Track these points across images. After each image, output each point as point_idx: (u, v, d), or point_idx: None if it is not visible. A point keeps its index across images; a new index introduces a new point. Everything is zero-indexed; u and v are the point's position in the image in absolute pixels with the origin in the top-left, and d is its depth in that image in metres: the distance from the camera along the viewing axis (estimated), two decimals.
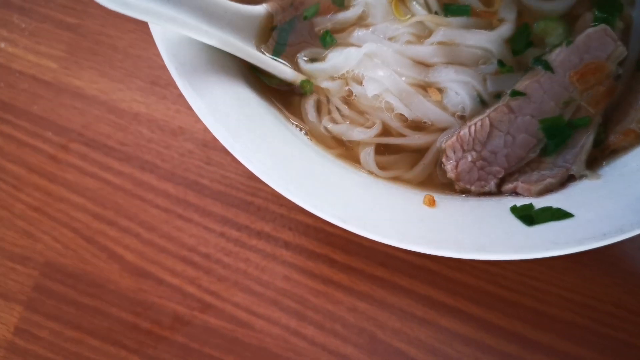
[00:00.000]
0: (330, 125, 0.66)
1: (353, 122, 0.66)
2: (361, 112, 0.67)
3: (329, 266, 0.79)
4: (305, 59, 0.67)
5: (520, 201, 0.61)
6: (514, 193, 0.63)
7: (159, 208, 0.83)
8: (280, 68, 0.66)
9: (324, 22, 0.68)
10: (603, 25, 0.64)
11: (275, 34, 0.68)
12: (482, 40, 0.65)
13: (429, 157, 0.65)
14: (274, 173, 0.56)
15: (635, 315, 0.75)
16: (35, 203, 0.84)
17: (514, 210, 0.59)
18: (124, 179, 0.84)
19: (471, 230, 0.56)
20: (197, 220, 0.82)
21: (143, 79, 0.87)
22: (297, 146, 0.62)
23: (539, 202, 0.60)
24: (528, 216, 0.58)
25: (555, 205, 0.58)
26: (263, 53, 0.67)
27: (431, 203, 0.60)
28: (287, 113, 0.66)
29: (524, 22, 0.67)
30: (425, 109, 0.65)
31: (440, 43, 0.66)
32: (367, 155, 0.65)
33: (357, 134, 0.66)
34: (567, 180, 0.63)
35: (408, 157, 0.66)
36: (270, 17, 0.68)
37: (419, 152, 0.66)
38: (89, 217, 0.83)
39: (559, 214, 0.57)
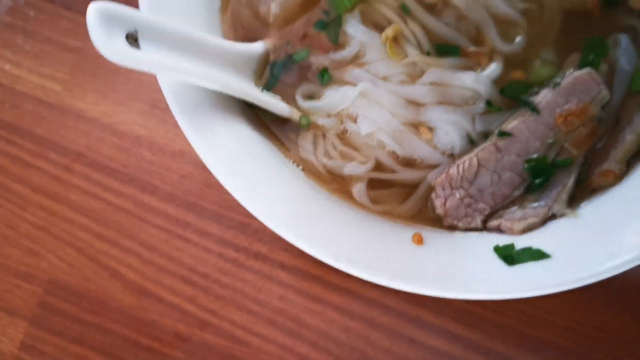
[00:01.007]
0: (325, 161, 0.69)
1: (347, 158, 0.69)
2: (355, 148, 0.70)
3: (323, 287, 0.83)
4: (302, 96, 0.70)
5: (503, 239, 0.64)
6: (499, 230, 0.67)
7: (159, 228, 0.86)
8: (277, 105, 0.69)
9: (322, 60, 0.71)
10: (588, 69, 0.68)
11: (270, 70, 0.70)
12: (471, 82, 0.68)
13: (419, 193, 0.69)
14: (271, 214, 0.59)
15: (614, 337, 0.79)
16: (40, 222, 0.87)
17: (497, 250, 0.62)
18: (126, 199, 0.87)
19: (456, 270, 0.60)
20: (196, 240, 0.85)
21: (144, 102, 0.89)
22: (294, 183, 0.66)
23: (521, 240, 0.63)
24: (509, 256, 0.61)
25: (535, 244, 0.62)
26: (262, 90, 0.70)
27: (419, 241, 0.64)
28: (284, 149, 0.69)
29: (523, 80, 0.70)
30: (416, 148, 0.68)
31: (432, 83, 0.68)
32: (360, 189, 0.68)
33: (351, 169, 0.69)
34: (549, 218, 0.66)
35: (399, 192, 0.69)
36: (268, 54, 0.71)
37: (410, 188, 0.69)
38: (92, 236, 0.86)
39: (538, 255, 0.60)
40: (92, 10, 0.49)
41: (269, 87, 0.70)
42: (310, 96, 0.71)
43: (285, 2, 0.71)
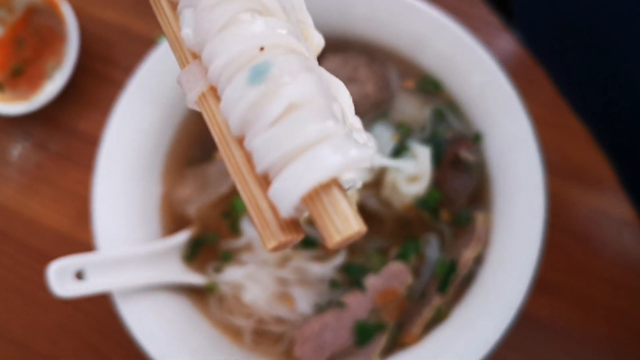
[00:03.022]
0: (226, 315, 1.04)
1: (240, 314, 1.04)
2: (245, 307, 1.04)
3: None
4: (211, 269, 1.05)
5: None
6: None
7: None
8: (195, 279, 1.03)
9: (226, 244, 1.05)
10: (400, 262, 0.99)
11: (191, 249, 1.05)
12: (320, 271, 1.00)
13: (286, 340, 1.02)
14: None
15: None
16: None
17: None
18: None
19: None
20: None
21: None
22: (201, 337, 1.01)
23: None
24: None
25: None
26: (184, 264, 1.05)
27: None
28: (198, 306, 1.05)
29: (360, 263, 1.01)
30: (282, 312, 1.02)
31: (295, 269, 1.02)
32: (247, 335, 1.03)
33: (241, 321, 1.03)
34: None
35: (274, 338, 1.03)
36: (192, 238, 1.06)
37: (281, 336, 1.03)
38: None
39: None
40: (51, 269, 0.85)
41: (189, 260, 1.05)
42: (217, 269, 1.05)
43: (200, 207, 1.05)
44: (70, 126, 1.32)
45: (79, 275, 0.89)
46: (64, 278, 0.86)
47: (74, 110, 1.33)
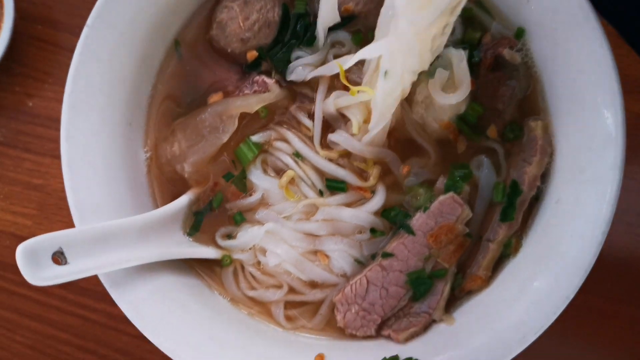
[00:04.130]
0: (247, 291, 0.84)
1: (264, 285, 0.84)
2: (271, 275, 0.84)
3: None
4: (221, 237, 0.85)
5: (393, 348, 0.78)
6: (389, 338, 0.81)
7: (131, 335, 1.01)
8: (203, 251, 0.83)
9: (235, 205, 0.85)
10: (451, 193, 0.81)
11: (195, 219, 0.84)
12: (354, 217, 0.82)
13: (324, 310, 0.83)
14: None
15: None
16: (28, 342, 1.03)
17: None
18: (99, 314, 1.02)
19: None
20: None
21: None
22: (219, 320, 0.80)
23: (405, 349, 0.78)
24: None
25: (417, 353, 0.76)
26: (187, 236, 0.84)
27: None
28: (211, 283, 0.84)
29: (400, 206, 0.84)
30: (315, 273, 0.82)
31: (323, 220, 0.82)
32: (278, 310, 0.83)
33: (269, 295, 0.83)
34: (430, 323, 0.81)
35: (310, 309, 0.84)
36: (192, 204, 0.85)
37: (318, 305, 0.84)
38: (74, 349, 1.02)
39: None
40: (18, 253, 0.64)
41: (192, 232, 0.84)
42: (228, 236, 0.85)
43: (195, 161, 0.84)
44: (16, 107, 1.09)
45: (57, 259, 0.68)
46: (38, 262, 0.65)
47: (19, 87, 1.10)
